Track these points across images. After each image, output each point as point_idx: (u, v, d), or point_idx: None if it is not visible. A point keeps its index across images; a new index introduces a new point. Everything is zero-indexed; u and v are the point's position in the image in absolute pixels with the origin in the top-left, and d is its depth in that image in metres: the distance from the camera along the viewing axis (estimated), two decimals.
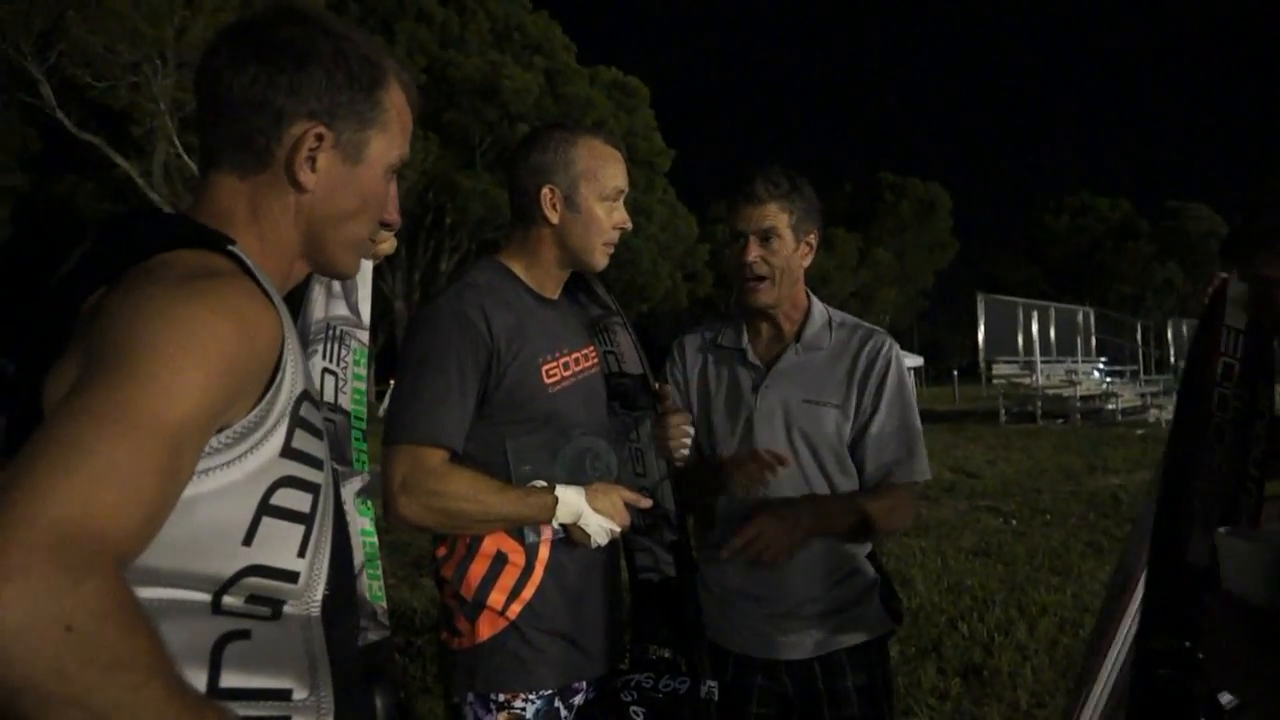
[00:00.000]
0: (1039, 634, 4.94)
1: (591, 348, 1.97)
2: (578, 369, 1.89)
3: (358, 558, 1.54)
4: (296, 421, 0.99)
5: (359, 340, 1.60)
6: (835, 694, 2.06)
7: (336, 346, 1.56)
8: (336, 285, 1.55)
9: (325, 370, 1.53)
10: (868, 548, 2.18)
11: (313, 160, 1.08)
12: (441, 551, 1.83)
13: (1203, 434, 1.78)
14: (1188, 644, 1.74)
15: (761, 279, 2.06)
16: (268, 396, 0.96)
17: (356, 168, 1.12)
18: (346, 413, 1.57)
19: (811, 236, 2.12)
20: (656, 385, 2.04)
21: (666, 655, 1.93)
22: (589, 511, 1.77)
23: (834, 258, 49.27)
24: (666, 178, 37.55)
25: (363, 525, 1.56)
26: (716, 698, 1.91)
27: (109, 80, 21.32)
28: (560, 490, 1.76)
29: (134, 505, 0.80)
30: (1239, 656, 1.12)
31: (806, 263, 2.13)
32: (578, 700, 1.85)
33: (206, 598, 0.93)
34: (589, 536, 1.79)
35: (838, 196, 56.54)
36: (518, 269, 1.89)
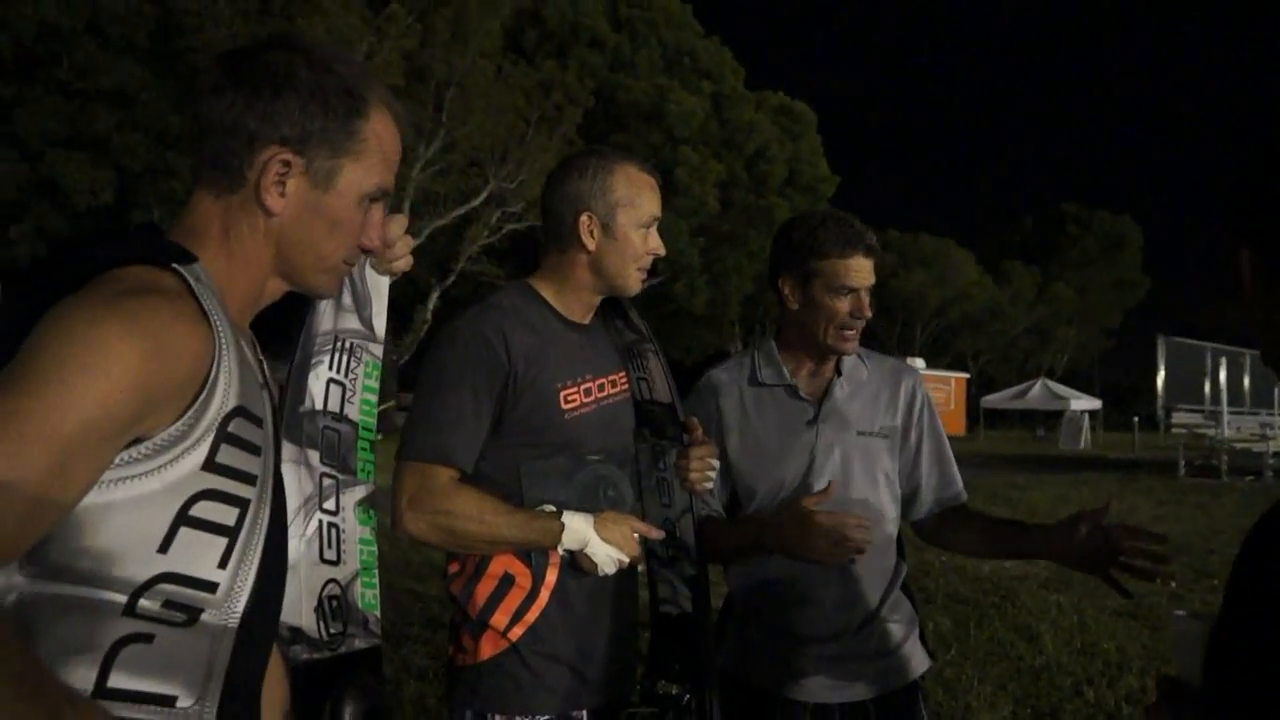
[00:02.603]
0: None
1: (622, 374, 1.96)
2: (601, 395, 1.89)
3: (350, 566, 1.56)
4: (224, 437, 1.02)
5: (371, 354, 1.63)
6: None
7: (346, 358, 1.59)
8: (347, 299, 1.59)
9: (331, 380, 1.57)
10: (901, 579, 2.14)
11: (282, 185, 1.12)
12: (453, 569, 1.85)
13: None
14: None
15: (860, 329, 2.08)
16: (191, 412, 0.99)
17: (327, 194, 1.15)
18: (354, 423, 1.60)
19: None
20: (685, 418, 2.00)
21: (674, 692, 1.88)
22: (596, 540, 1.76)
23: (1008, 291, 47.36)
24: (831, 204, 37.08)
25: (363, 534, 1.59)
26: None
27: None
28: (567, 516, 1.75)
29: (6, 510, 0.84)
30: None
31: None
32: None
33: (121, 599, 0.97)
34: (596, 565, 1.77)
35: (1015, 228, 54.34)
36: (547, 293, 1.90)
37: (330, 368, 1.58)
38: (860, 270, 2.04)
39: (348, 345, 1.61)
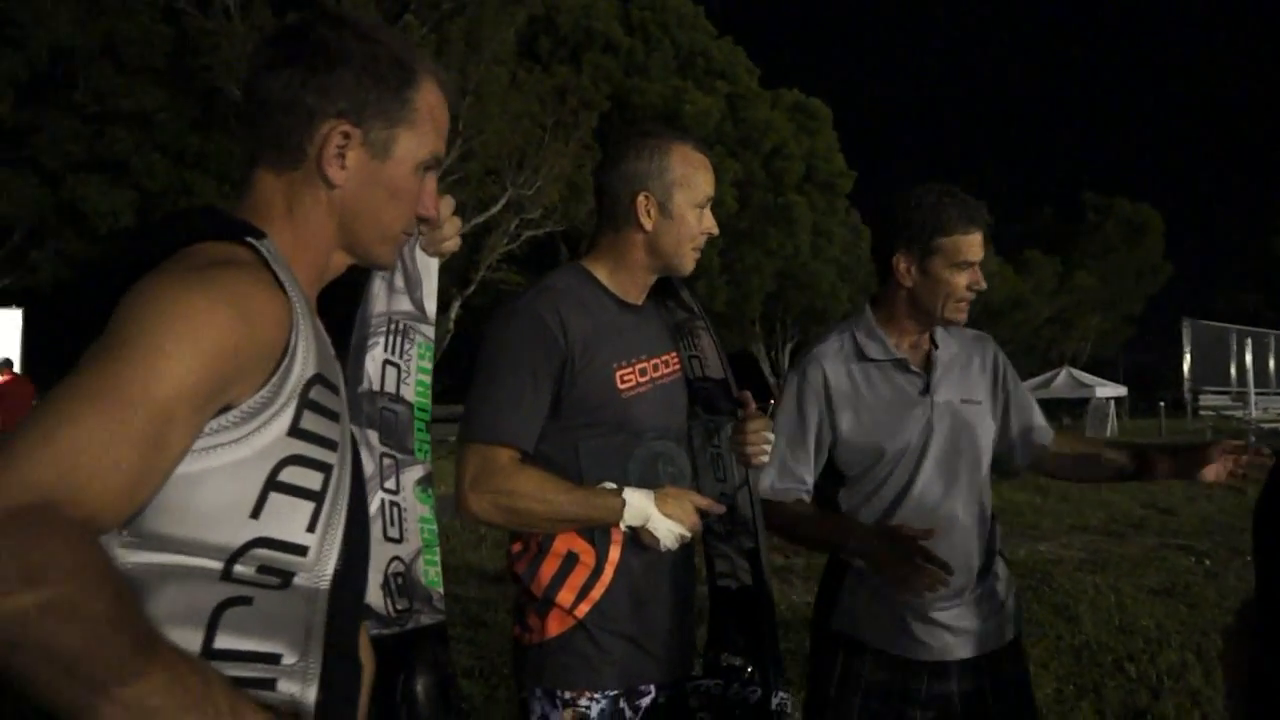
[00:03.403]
0: (1216, 680, 4.50)
1: (673, 354, 1.98)
2: (655, 375, 1.90)
3: (413, 544, 1.58)
4: (306, 404, 1.04)
5: (423, 334, 1.65)
6: (1000, 686, 2.12)
7: (399, 340, 1.61)
8: (399, 281, 1.61)
9: (387, 362, 1.59)
10: (998, 542, 2.22)
11: (342, 157, 1.14)
12: (516, 549, 1.86)
13: None
14: None
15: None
16: (274, 379, 1.01)
17: (385, 164, 1.17)
18: (409, 404, 1.61)
19: None
20: (739, 392, 2.02)
21: (738, 663, 1.89)
22: (657, 515, 1.77)
23: (1030, 281, 47.00)
24: (849, 199, 36.95)
25: (422, 513, 1.60)
26: (789, 710, 1.87)
27: None
28: (628, 493, 1.77)
29: (111, 474, 0.87)
30: None
31: None
32: (644, 703, 1.85)
33: (218, 565, 0.99)
34: (658, 540, 1.78)
35: (1035, 218, 53.94)
36: (601, 274, 1.92)
37: (385, 349, 1.60)
38: (976, 245, 2.11)
39: (401, 327, 1.63)
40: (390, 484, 1.58)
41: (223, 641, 0.99)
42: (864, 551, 1.97)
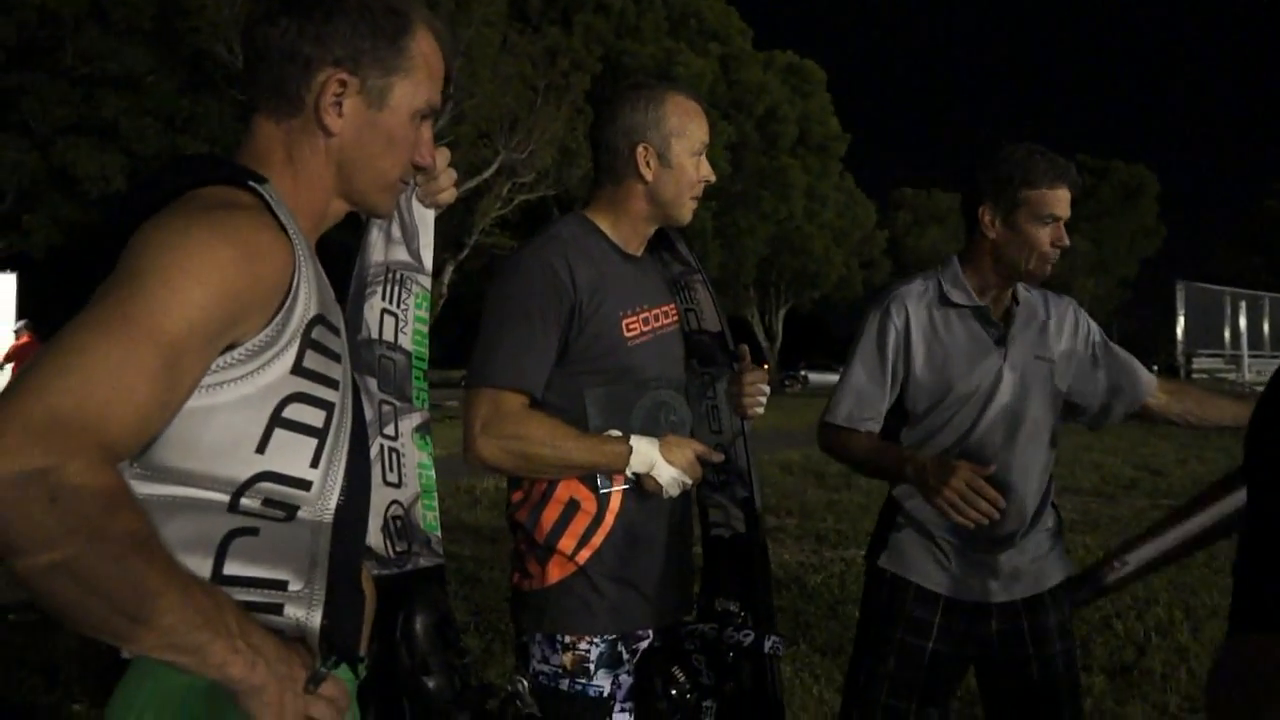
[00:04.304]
0: (1203, 636, 4.59)
1: (672, 305, 2.00)
2: (656, 325, 1.92)
3: (411, 489, 1.61)
4: (308, 343, 1.07)
5: (420, 284, 1.67)
6: (1038, 632, 2.18)
7: (397, 289, 1.63)
8: (396, 231, 1.62)
9: (384, 311, 1.61)
10: (1051, 494, 2.29)
11: (339, 105, 1.16)
12: (517, 497, 1.89)
13: None
14: None
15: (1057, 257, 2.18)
16: (278, 318, 1.04)
17: (381, 112, 1.19)
18: (407, 352, 1.64)
19: None
20: (735, 346, 2.04)
21: (732, 608, 1.93)
22: (662, 463, 1.80)
23: None
24: (843, 163, 36.81)
25: (420, 459, 1.63)
26: (781, 652, 1.91)
27: None
28: (635, 440, 1.80)
29: (124, 403, 0.90)
30: None
31: None
32: (641, 646, 1.88)
33: (225, 498, 1.03)
34: (661, 487, 1.81)
35: None
36: (604, 225, 1.93)
37: (383, 298, 1.62)
38: (1063, 201, 2.13)
39: (398, 276, 1.65)
40: (389, 430, 1.61)
41: (231, 568, 1.03)
42: (921, 479, 1.99)
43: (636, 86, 1.93)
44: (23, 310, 16.30)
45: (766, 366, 2.54)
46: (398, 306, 1.64)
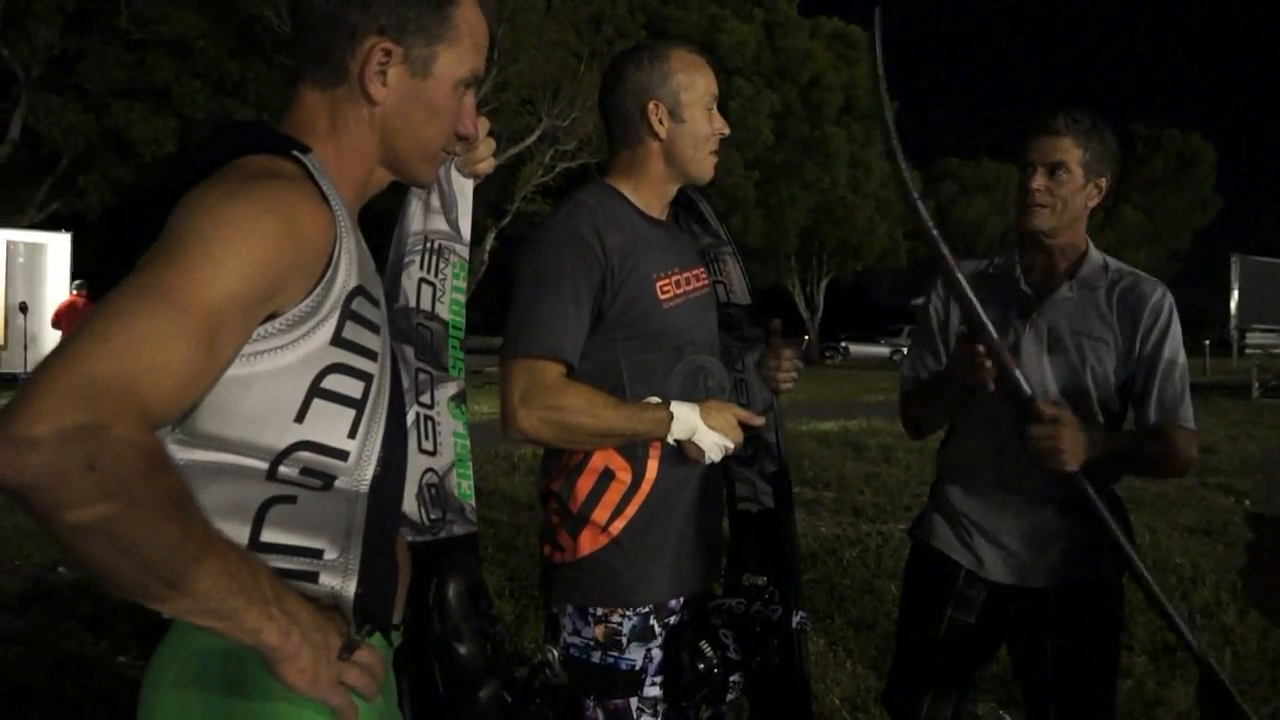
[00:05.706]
0: (1250, 619, 4.51)
1: (702, 269, 1.98)
2: (689, 288, 1.90)
3: (446, 457, 1.62)
4: (348, 314, 1.08)
5: (458, 254, 1.67)
6: (1061, 624, 2.12)
7: (435, 259, 1.63)
8: (435, 201, 1.62)
9: (422, 280, 1.61)
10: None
11: (383, 74, 1.16)
12: (553, 466, 1.88)
13: None
14: None
15: (1041, 205, 2.11)
16: (318, 289, 1.05)
17: (425, 81, 1.19)
18: (444, 321, 1.64)
19: (1102, 181, 2.16)
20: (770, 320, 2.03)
21: (760, 583, 1.93)
22: (703, 428, 1.78)
23: None
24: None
25: (455, 428, 1.64)
26: (809, 628, 1.91)
27: None
28: (675, 406, 1.78)
29: (165, 371, 0.91)
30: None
31: (1092, 204, 2.18)
32: (672, 619, 1.88)
33: (263, 465, 1.05)
34: (703, 453, 1.80)
35: None
36: (626, 190, 1.91)
37: (421, 268, 1.63)
38: (1037, 147, 2.12)
39: (436, 246, 1.65)
40: (425, 399, 1.62)
41: (269, 536, 1.05)
42: (954, 369, 2.03)
43: (636, 48, 1.92)
44: (77, 271, 16.68)
45: (807, 337, 2.52)
46: (435, 276, 1.65)
